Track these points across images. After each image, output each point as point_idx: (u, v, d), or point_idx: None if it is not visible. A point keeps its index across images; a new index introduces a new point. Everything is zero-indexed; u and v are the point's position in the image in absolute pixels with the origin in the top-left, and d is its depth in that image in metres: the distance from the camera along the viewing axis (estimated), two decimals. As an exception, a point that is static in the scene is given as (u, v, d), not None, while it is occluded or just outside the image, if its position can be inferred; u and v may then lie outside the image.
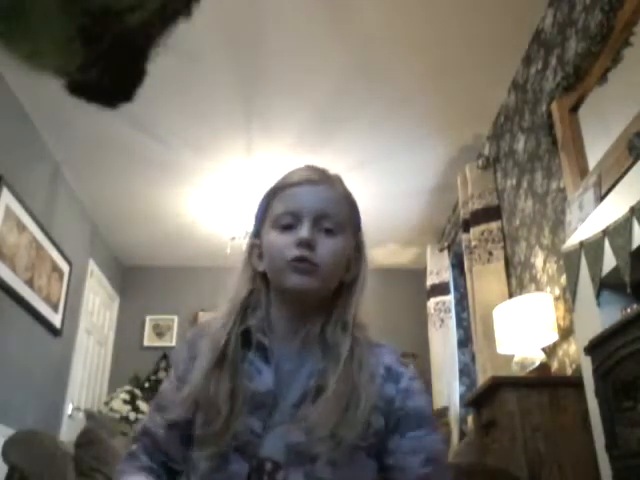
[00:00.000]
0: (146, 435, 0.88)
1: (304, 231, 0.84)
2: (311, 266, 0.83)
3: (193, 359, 0.87)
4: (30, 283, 3.35)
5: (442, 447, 0.87)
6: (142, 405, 4.27)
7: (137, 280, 5.34)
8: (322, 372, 0.82)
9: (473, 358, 3.71)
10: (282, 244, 0.85)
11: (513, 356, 2.50)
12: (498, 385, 2.15)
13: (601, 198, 1.97)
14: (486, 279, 3.18)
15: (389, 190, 4.11)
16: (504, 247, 3.20)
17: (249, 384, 0.82)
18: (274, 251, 0.86)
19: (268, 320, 0.88)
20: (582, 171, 2.23)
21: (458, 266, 4.32)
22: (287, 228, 0.86)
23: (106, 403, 4.37)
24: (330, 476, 0.77)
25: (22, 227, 3.26)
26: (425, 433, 0.83)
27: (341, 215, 0.89)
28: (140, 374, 4.83)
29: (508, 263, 3.15)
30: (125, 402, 4.28)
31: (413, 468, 0.81)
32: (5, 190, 3.06)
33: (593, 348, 1.75)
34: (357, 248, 0.94)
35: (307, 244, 0.83)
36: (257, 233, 0.94)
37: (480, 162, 3.44)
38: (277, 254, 0.85)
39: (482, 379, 2.92)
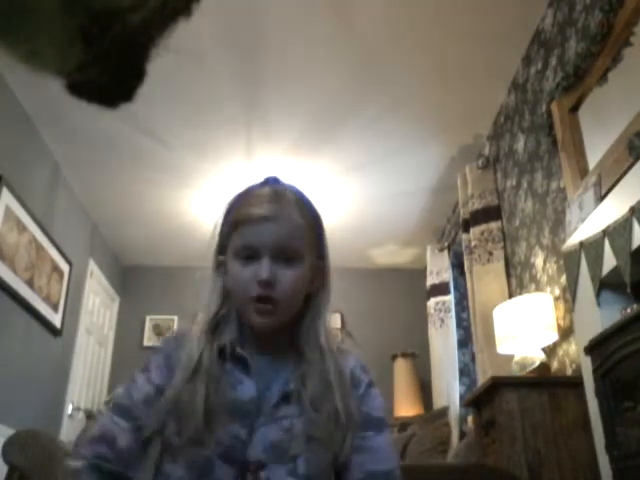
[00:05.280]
0: (104, 441, 0.86)
1: (263, 270, 0.88)
2: (272, 306, 0.88)
3: (170, 369, 0.89)
4: (30, 283, 3.35)
5: (388, 447, 0.92)
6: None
7: (137, 280, 5.34)
8: (297, 377, 0.88)
9: (473, 358, 3.72)
10: (244, 280, 0.89)
11: (513, 356, 2.50)
12: (498, 385, 2.15)
13: (601, 198, 1.97)
14: (486, 279, 3.18)
15: (389, 190, 4.11)
16: (504, 247, 3.20)
17: (231, 394, 0.86)
18: (238, 286, 0.90)
19: (241, 332, 0.92)
20: (582, 171, 2.23)
21: (458, 266, 4.32)
22: (248, 259, 0.89)
23: (106, 403, 4.37)
24: (310, 472, 0.83)
25: (22, 227, 3.26)
26: (372, 434, 0.89)
27: (298, 244, 0.91)
28: (140, 374, 4.82)
29: (508, 263, 3.15)
30: (125, 402, 4.27)
31: (358, 466, 0.86)
32: (5, 190, 3.06)
33: (593, 348, 1.76)
34: (320, 257, 0.96)
35: (266, 284, 0.87)
36: (222, 249, 0.96)
37: (480, 162, 3.44)
38: (240, 290, 0.90)
39: (482, 379, 2.92)
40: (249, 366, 0.89)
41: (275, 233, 0.90)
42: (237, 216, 0.93)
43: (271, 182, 0.97)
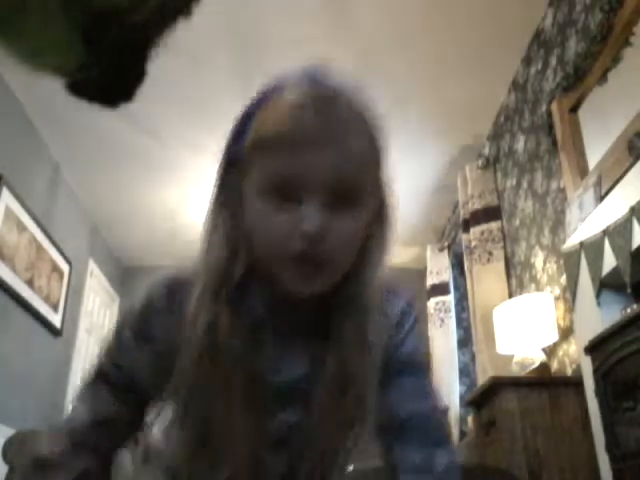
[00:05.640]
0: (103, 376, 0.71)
1: (311, 216, 0.59)
2: (318, 266, 0.61)
3: (170, 330, 0.65)
4: (30, 283, 3.35)
5: (431, 389, 0.76)
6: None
7: (137, 280, 5.34)
8: (324, 349, 0.67)
9: (473, 358, 3.71)
10: (278, 230, 0.60)
11: (513, 356, 2.50)
12: (498, 385, 2.15)
13: (601, 198, 1.97)
14: (486, 279, 3.18)
15: (389, 190, 4.10)
16: (504, 247, 3.20)
17: (269, 377, 0.67)
18: (267, 235, 0.62)
19: (260, 292, 0.67)
20: (582, 171, 2.23)
21: (458, 266, 4.31)
22: (283, 200, 0.60)
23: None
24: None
25: (22, 227, 3.26)
26: (415, 379, 0.74)
27: (361, 182, 0.62)
28: (140, 374, 4.82)
29: (508, 263, 3.15)
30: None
31: (401, 407, 0.72)
32: (5, 190, 3.06)
33: (593, 348, 1.75)
34: (381, 193, 0.70)
35: (315, 239, 0.59)
36: (232, 192, 0.66)
37: (480, 162, 3.44)
38: (272, 241, 0.61)
39: (482, 379, 2.92)
40: (286, 337, 0.68)
41: (329, 164, 0.59)
42: (264, 132, 0.62)
43: (312, 79, 0.64)
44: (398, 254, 5.11)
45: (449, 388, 3.94)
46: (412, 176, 3.95)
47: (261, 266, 0.64)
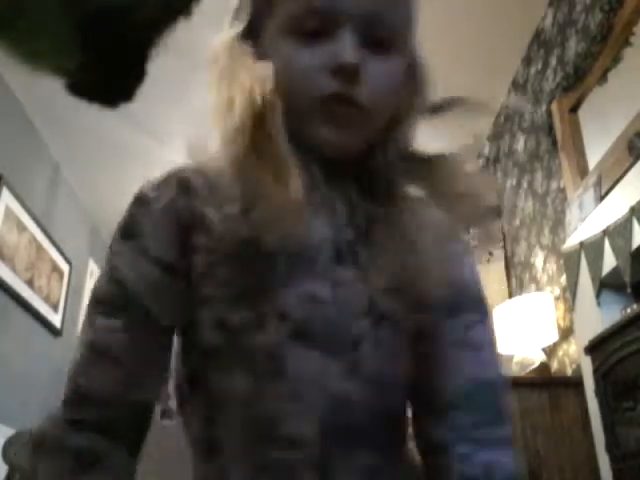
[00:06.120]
0: (87, 401, 0.54)
1: (346, 48, 0.52)
2: (353, 111, 0.53)
3: (179, 234, 0.56)
4: (30, 283, 3.35)
5: (493, 345, 0.61)
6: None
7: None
8: (357, 225, 0.57)
9: (473, 358, 3.71)
10: (307, 67, 0.52)
11: (513, 356, 2.49)
12: (498, 385, 2.15)
13: (601, 198, 1.97)
14: (486, 279, 3.17)
15: (389, 190, 4.10)
16: (504, 247, 3.20)
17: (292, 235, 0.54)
18: (293, 78, 0.53)
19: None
20: (582, 171, 2.23)
21: (458, 266, 4.31)
22: (313, 37, 0.53)
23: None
24: (376, 369, 0.55)
25: (22, 227, 3.26)
26: (474, 321, 0.59)
27: (399, 17, 0.56)
28: (140, 374, 4.82)
29: (508, 263, 3.15)
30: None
31: (456, 368, 0.58)
32: (5, 190, 3.06)
33: (593, 348, 1.75)
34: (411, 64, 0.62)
35: (350, 72, 0.52)
36: (253, 32, 0.58)
37: (480, 162, 3.44)
38: (298, 84, 0.53)
39: (482, 379, 2.91)
40: (315, 194, 0.55)
41: None
42: None
43: None
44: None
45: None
46: (412, 176, 3.96)
47: (290, 125, 0.53)
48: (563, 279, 2.33)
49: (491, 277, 3.15)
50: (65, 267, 3.90)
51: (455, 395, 0.57)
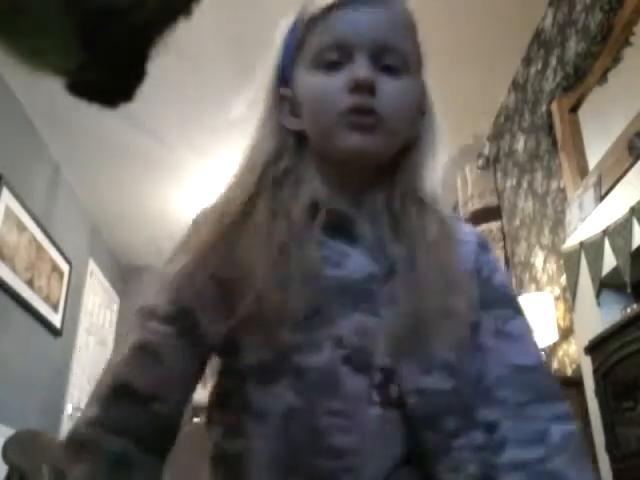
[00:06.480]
0: (143, 354, 0.59)
1: (360, 68, 0.61)
2: (373, 119, 0.61)
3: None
4: (30, 283, 3.35)
5: (531, 335, 0.68)
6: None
7: (137, 280, 5.34)
8: (396, 242, 0.63)
9: (473, 358, 3.71)
10: (329, 89, 0.62)
11: (513, 356, 2.49)
12: (498, 385, 2.15)
13: (601, 198, 1.97)
14: (486, 279, 3.18)
15: (389, 190, 4.11)
16: (504, 247, 3.20)
17: (336, 272, 0.60)
18: (318, 100, 0.63)
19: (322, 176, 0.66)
20: (582, 171, 2.23)
21: (458, 266, 4.31)
22: (333, 67, 0.63)
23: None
24: (451, 360, 0.60)
25: (22, 227, 3.26)
26: (511, 316, 0.66)
27: (407, 47, 0.66)
28: (140, 374, 4.82)
29: (508, 263, 3.15)
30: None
31: (497, 357, 0.63)
32: (5, 190, 3.06)
33: (593, 348, 1.75)
34: (422, 93, 0.73)
35: (366, 86, 0.61)
36: (283, 80, 0.69)
37: (480, 162, 3.44)
38: (323, 104, 0.62)
39: (482, 379, 2.91)
40: (353, 230, 0.63)
41: (376, 21, 0.64)
42: (313, 10, 0.66)
43: None
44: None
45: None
46: (412, 176, 3.96)
47: (316, 143, 0.66)
48: (563, 279, 2.33)
49: (491, 277, 3.15)
50: (65, 267, 3.91)
51: (501, 379, 0.62)
